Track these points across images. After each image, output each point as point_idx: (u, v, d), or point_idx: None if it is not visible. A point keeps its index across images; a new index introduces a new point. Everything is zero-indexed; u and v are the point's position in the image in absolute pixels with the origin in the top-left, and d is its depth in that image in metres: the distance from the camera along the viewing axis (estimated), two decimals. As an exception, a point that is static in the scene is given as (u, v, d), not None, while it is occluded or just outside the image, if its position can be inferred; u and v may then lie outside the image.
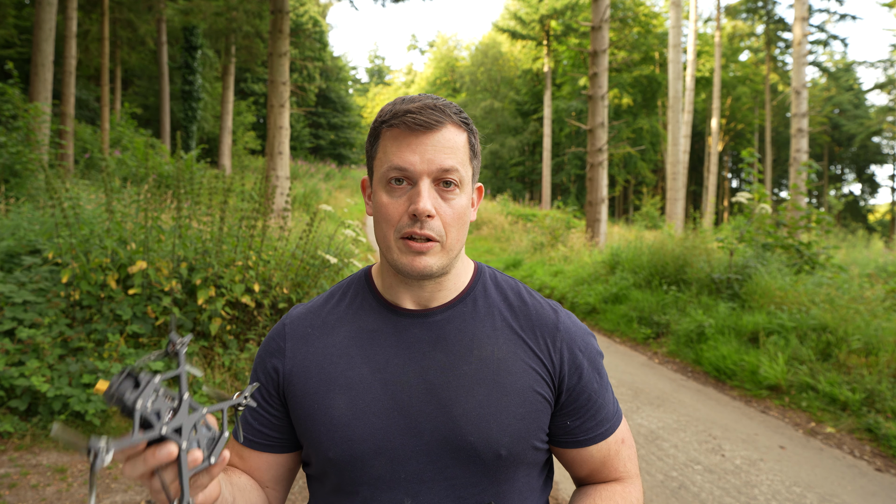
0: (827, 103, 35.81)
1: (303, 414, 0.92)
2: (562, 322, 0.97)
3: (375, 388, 0.90)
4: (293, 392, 0.94)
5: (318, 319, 0.99)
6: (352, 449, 0.88)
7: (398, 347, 0.93)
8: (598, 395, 0.97)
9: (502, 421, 0.89)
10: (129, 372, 0.61)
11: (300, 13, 32.08)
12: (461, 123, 0.91)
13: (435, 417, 0.89)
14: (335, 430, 0.89)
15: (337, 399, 0.90)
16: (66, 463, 3.27)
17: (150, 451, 0.62)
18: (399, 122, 0.87)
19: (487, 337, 0.94)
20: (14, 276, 4.00)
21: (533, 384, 0.92)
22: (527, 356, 0.94)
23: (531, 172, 37.14)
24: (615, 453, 0.99)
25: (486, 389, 0.90)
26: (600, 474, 1.00)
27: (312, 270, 4.84)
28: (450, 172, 0.87)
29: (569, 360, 0.95)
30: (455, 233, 0.90)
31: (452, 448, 0.88)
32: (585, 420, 0.96)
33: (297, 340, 0.97)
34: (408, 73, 65.13)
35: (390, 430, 0.89)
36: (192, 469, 0.64)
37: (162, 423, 0.61)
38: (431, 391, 0.90)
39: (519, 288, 1.02)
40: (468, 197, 0.93)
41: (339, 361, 0.93)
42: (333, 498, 0.94)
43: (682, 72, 18.07)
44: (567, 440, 0.97)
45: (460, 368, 0.91)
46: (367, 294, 0.99)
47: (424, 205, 0.85)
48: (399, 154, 0.87)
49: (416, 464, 0.88)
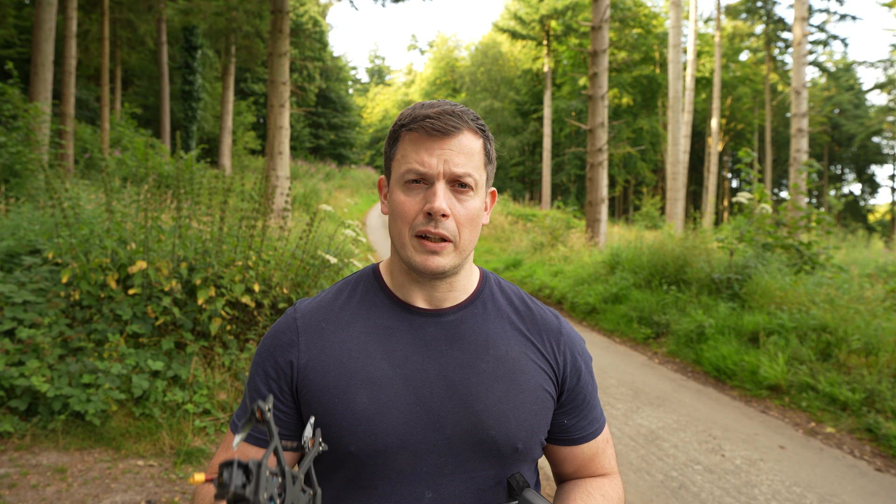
0: (827, 103, 35.81)
1: (321, 408, 0.92)
2: (563, 328, 1.05)
3: (397, 383, 0.93)
4: (309, 386, 0.94)
5: (330, 314, 1.00)
6: (375, 443, 0.90)
7: (415, 345, 0.96)
8: (592, 397, 1.06)
9: (519, 416, 0.95)
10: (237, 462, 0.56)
11: (300, 13, 32.07)
12: (477, 130, 0.95)
13: (457, 412, 0.92)
14: (358, 424, 0.90)
15: (359, 394, 0.92)
16: (66, 463, 3.27)
17: None
18: (418, 127, 0.92)
19: (500, 337, 0.99)
20: (14, 276, 4.00)
21: (542, 383, 0.99)
22: (536, 357, 1.00)
23: (531, 172, 37.14)
24: (601, 451, 1.07)
25: (505, 386, 0.95)
26: (586, 470, 1.07)
27: (312, 270, 4.84)
28: (464, 176, 0.92)
29: (570, 362, 1.02)
30: (468, 234, 0.94)
31: (474, 441, 0.93)
32: (580, 419, 1.04)
33: (311, 334, 0.97)
34: (408, 73, 65.13)
35: (413, 424, 0.91)
36: None
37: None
38: (451, 387, 0.93)
39: (521, 294, 1.09)
40: (482, 200, 0.97)
41: (359, 357, 0.95)
42: (345, 493, 0.94)
43: (682, 72, 18.07)
44: (563, 437, 1.04)
45: (478, 366, 0.96)
46: (377, 291, 1.02)
47: (440, 204, 0.89)
48: (418, 156, 0.91)
49: (438, 457, 0.92)
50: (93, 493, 3.02)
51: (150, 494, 3.06)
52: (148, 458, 3.44)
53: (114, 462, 3.34)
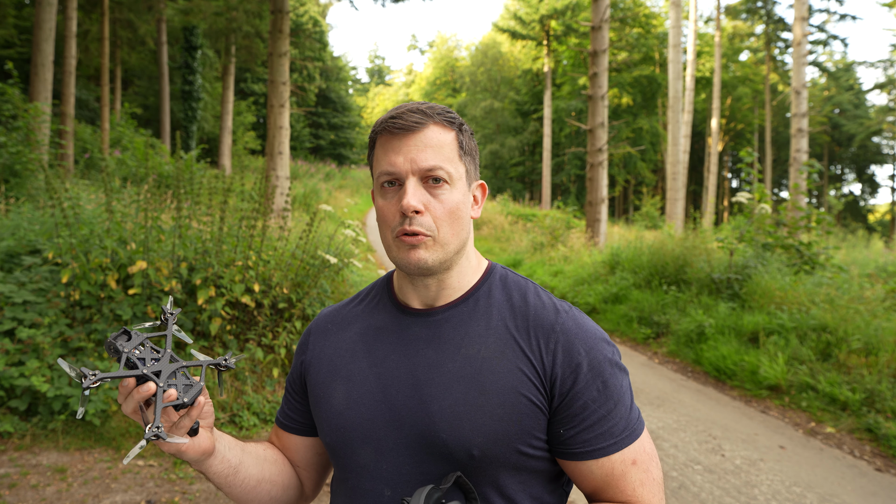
0: (827, 103, 35.81)
1: (313, 401, 1.02)
2: (560, 323, 0.92)
3: (370, 380, 0.95)
4: (309, 381, 1.04)
5: (338, 317, 1.07)
6: (343, 436, 0.95)
7: (397, 344, 0.97)
8: (599, 406, 0.89)
9: (476, 420, 0.87)
10: (124, 329, 0.82)
11: (300, 13, 32.05)
12: (446, 123, 0.93)
13: (415, 412, 0.91)
14: (332, 417, 0.97)
15: (337, 389, 0.98)
16: (66, 463, 3.28)
17: (137, 388, 0.79)
18: (383, 129, 0.92)
19: (478, 336, 0.93)
20: (14, 276, 4.00)
21: (518, 386, 0.89)
22: (516, 357, 0.91)
23: (531, 172, 37.13)
24: (620, 475, 0.89)
25: (464, 387, 0.89)
26: (605, 493, 0.92)
27: (312, 270, 4.83)
28: (434, 169, 0.90)
29: (562, 362, 0.89)
30: (447, 228, 0.91)
31: (427, 444, 0.89)
32: (581, 431, 0.89)
33: (318, 335, 1.07)
34: (408, 73, 65.10)
35: (376, 420, 0.93)
36: (166, 403, 0.78)
37: (144, 366, 0.79)
38: (416, 386, 0.92)
39: (527, 288, 0.99)
40: (461, 193, 0.94)
41: (345, 355, 1.00)
42: (335, 484, 1.02)
43: (682, 72, 18.07)
44: (561, 451, 0.91)
45: (445, 366, 0.92)
46: (384, 295, 1.05)
47: (408, 201, 0.88)
48: (386, 157, 0.92)
49: (397, 456, 0.92)
50: (93, 493, 3.02)
51: (150, 494, 3.06)
52: (148, 458, 3.44)
53: (114, 462, 3.34)
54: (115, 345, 0.79)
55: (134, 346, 0.80)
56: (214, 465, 0.91)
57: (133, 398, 0.80)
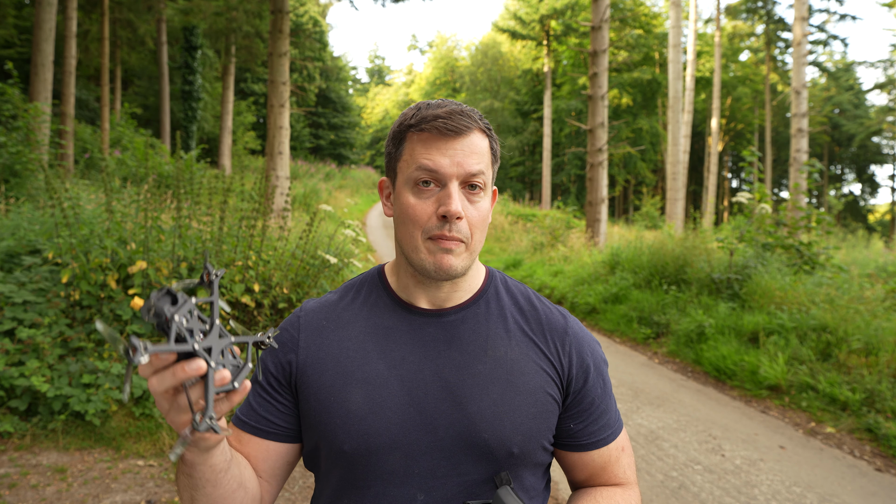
0: (827, 103, 35.80)
1: (318, 406, 0.93)
2: (570, 327, 1.01)
3: (392, 383, 0.92)
4: (307, 383, 0.95)
5: (333, 314, 1.00)
6: (367, 442, 0.90)
7: (413, 345, 0.95)
8: (601, 401, 1.00)
9: (515, 419, 0.92)
10: (167, 290, 0.63)
11: (300, 13, 32.05)
12: (485, 129, 0.95)
13: (450, 414, 0.90)
14: (352, 423, 0.90)
15: (354, 393, 0.92)
16: (66, 463, 3.27)
17: (180, 365, 0.64)
18: (430, 127, 0.90)
19: (500, 338, 0.97)
20: (14, 276, 4.00)
21: (544, 385, 0.95)
22: (538, 358, 0.97)
23: (531, 172, 37.14)
24: (615, 460, 1.02)
25: (500, 388, 0.93)
26: (599, 479, 1.03)
27: (312, 270, 4.83)
28: (476, 176, 0.91)
29: (577, 363, 0.98)
30: (479, 235, 0.93)
31: (467, 444, 0.90)
32: (588, 424, 0.99)
33: (311, 332, 0.98)
34: (408, 73, 65.09)
35: (406, 425, 0.90)
36: (218, 387, 0.66)
37: (194, 340, 0.63)
38: (447, 389, 0.92)
39: (529, 293, 1.05)
40: (489, 200, 0.97)
41: (356, 356, 0.95)
42: (342, 493, 0.94)
43: (682, 72, 18.07)
44: (570, 443, 1.00)
45: (475, 367, 0.93)
46: (381, 292, 1.02)
47: (456, 206, 0.88)
48: (429, 157, 0.89)
49: (431, 459, 0.90)
50: (93, 493, 3.02)
51: (150, 494, 3.06)
52: (148, 458, 3.44)
53: (114, 462, 3.34)
54: (160, 308, 0.61)
55: (184, 317, 0.63)
56: (216, 457, 0.80)
57: (176, 376, 0.64)
